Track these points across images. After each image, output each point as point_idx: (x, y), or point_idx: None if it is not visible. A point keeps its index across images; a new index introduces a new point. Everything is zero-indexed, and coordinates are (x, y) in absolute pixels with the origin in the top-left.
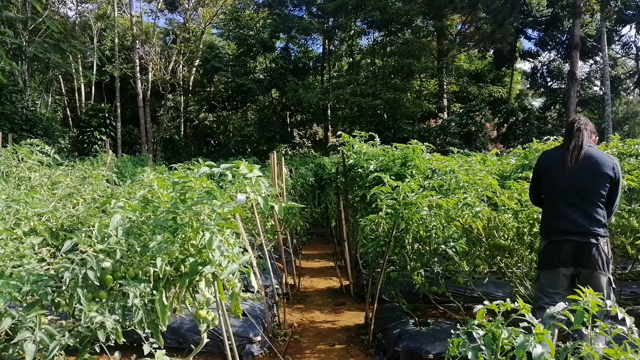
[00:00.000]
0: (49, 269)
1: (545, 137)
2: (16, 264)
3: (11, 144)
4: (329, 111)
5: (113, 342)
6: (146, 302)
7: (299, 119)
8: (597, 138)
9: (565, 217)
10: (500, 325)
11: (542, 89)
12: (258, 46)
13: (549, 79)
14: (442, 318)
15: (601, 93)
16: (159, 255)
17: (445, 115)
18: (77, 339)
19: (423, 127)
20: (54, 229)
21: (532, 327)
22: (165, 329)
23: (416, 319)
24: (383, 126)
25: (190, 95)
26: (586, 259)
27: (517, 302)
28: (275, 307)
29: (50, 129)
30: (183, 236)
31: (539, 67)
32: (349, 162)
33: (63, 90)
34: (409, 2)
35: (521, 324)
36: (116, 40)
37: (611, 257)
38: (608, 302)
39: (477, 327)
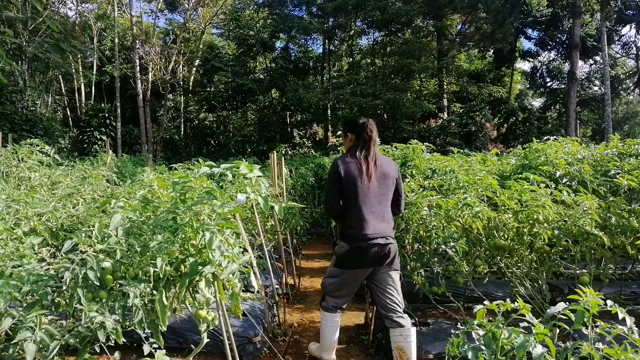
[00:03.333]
0: (49, 269)
1: (545, 137)
2: (16, 264)
3: (11, 144)
4: (329, 111)
5: (113, 342)
6: (146, 302)
7: (299, 119)
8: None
9: (369, 224)
10: (500, 325)
11: (542, 89)
12: (258, 46)
13: (548, 79)
14: (442, 318)
15: (601, 93)
16: (159, 255)
17: (445, 115)
18: (77, 339)
19: (423, 127)
20: (54, 229)
21: (532, 327)
22: (165, 329)
23: (416, 319)
24: (383, 126)
25: (190, 95)
26: (386, 259)
27: (517, 302)
28: (275, 307)
29: (50, 129)
30: (183, 236)
31: (539, 67)
32: None
33: (63, 90)
34: (409, 2)
35: (521, 324)
36: (116, 40)
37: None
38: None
39: (477, 327)
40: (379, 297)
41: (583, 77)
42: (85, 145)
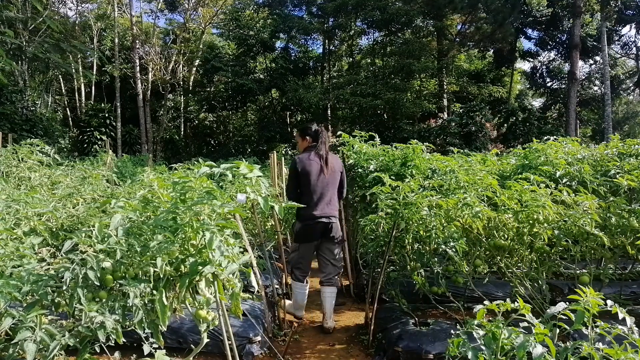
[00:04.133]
0: (49, 269)
1: (545, 137)
2: (16, 264)
3: (11, 144)
4: (329, 111)
5: (113, 342)
6: (146, 302)
7: (299, 119)
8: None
9: (317, 207)
10: (500, 325)
11: (542, 89)
12: (258, 46)
13: (548, 79)
14: (442, 318)
15: (601, 93)
16: (159, 255)
17: (445, 115)
18: (77, 339)
19: (423, 127)
20: (54, 229)
21: (532, 327)
22: (165, 329)
23: (416, 319)
24: (383, 126)
25: (190, 95)
26: (330, 234)
27: (517, 302)
28: (275, 307)
29: (50, 129)
30: (183, 236)
31: (539, 67)
32: (349, 162)
33: (63, 90)
34: (409, 2)
35: (521, 324)
36: (116, 40)
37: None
38: (335, 267)
39: (477, 327)
40: (320, 263)
41: (583, 77)
42: (85, 145)
